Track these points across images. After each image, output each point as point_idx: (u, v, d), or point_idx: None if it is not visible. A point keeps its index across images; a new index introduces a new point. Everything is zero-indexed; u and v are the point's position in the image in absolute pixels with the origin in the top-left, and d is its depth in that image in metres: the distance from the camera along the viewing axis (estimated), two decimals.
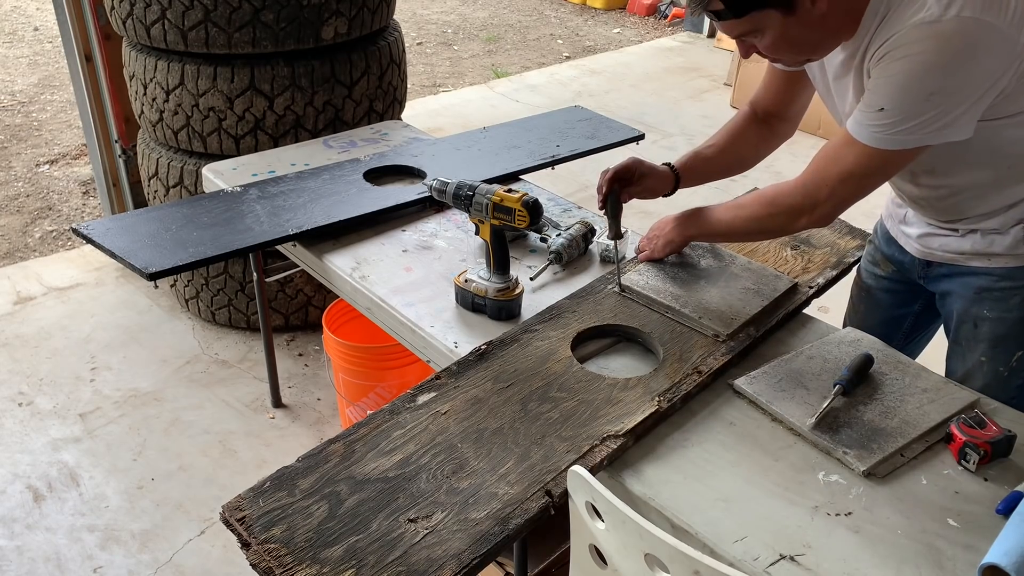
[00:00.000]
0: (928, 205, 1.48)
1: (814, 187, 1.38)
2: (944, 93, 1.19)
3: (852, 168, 1.32)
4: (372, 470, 1.23)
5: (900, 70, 1.20)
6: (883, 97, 1.23)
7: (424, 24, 7.32)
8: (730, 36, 1.31)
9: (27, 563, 2.14)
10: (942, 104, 1.20)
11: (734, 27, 1.27)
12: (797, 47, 1.31)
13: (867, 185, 1.34)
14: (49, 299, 3.23)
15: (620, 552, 1.08)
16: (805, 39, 1.28)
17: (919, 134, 1.23)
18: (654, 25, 7.47)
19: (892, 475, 1.26)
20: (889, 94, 1.22)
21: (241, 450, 2.53)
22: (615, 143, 2.58)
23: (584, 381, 1.43)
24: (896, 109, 1.22)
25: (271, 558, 1.09)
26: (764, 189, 1.51)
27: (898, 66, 1.20)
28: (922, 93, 1.20)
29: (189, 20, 2.50)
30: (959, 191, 1.41)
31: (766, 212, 1.47)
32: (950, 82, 1.18)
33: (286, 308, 2.97)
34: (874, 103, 1.24)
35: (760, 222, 1.50)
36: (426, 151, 2.45)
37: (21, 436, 2.56)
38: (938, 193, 1.44)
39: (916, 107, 1.21)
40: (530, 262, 1.91)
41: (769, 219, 1.48)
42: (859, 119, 1.28)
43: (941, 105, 1.20)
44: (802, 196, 1.40)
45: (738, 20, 1.25)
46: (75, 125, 4.90)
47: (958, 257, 1.48)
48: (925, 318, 1.70)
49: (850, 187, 1.34)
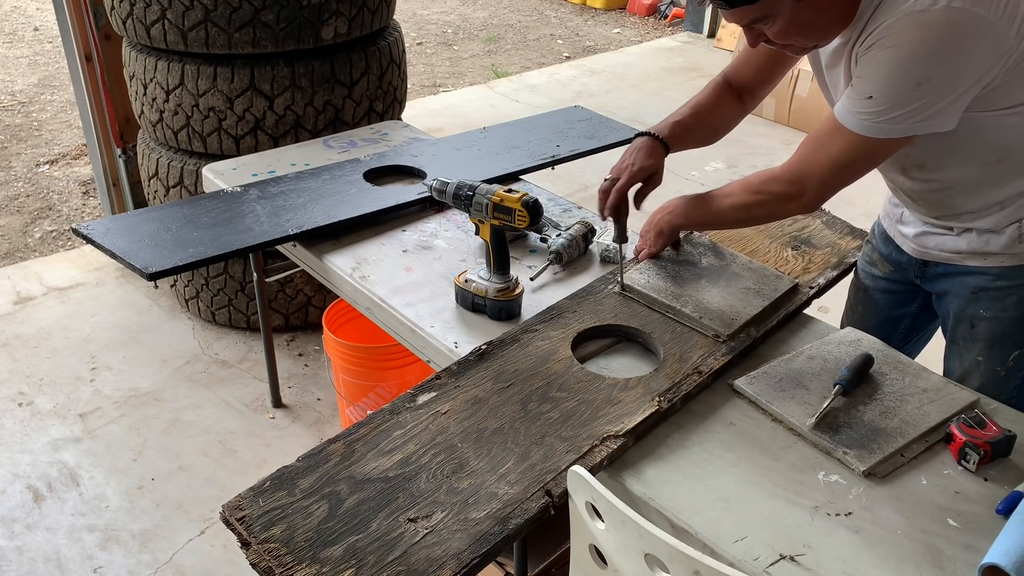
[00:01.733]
0: (920, 199, 1.48)
1: (800, 174, 1.38)
2: (931, 83, 1.19)
3: (839, 156, 1.32)
4: (372, 470, 1.23)
5: (888, 58, 1.21)
6: (871, 85, 1.24)
7: (424, 24, 7.32)
8: (741, 24, 1.30)
9: (27, 563, 2.14)
10: (930, 94, 1.20)
11: (746, 14, 1.27)
12: (807, 31, 1.30)
13: (853, 173, 1.34)
14: (49, 299, 3.23)
15: (620, 552, 1.08)
16: (815, 23, 1.28)
17: (906, 123, 1.23)
18: (654, 25, 7.47)
19: (892, 475, 1.25)
20: (877, 82, 1.23)
21: (241, 450, 2.53)
22: (615, 143, 2.58)
23: (584, 381, 1.43)
24: (884, 97, 1.22)
25: (271, 558, 1.09)
26: (751, 176, 1.50)
27: (886, 55, 1.21)
28: (910, 82, 1.20)
29: (189, 20, 2.50)
30: (950, 186, 1.41)
31: (754, 199, 1.47)
32: (937, 72, 1.18)
33: (286, 308, 2.97)
34: (863, 91, 1.25)
35: (748, 210, 1.50)
36: (426, 151, 2.45)
37: (21, 436, 2.56)
38: (929, 187, 1.44)
39: (904, 96, 1.21)
40: (530, 262, 1.91)
41: (757, 206, 1.48)
42: (847, 106, 1.28)
43: (929, 95, 1.20)
44: (789, 183, 1.40)
45: (751, 6, 1.25)
46: (75, 125, 4.90)
47: (954, 256, 1.48)
48: (923, 318, 1.70)
49: (837, 175, 1.34)
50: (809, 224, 1.97)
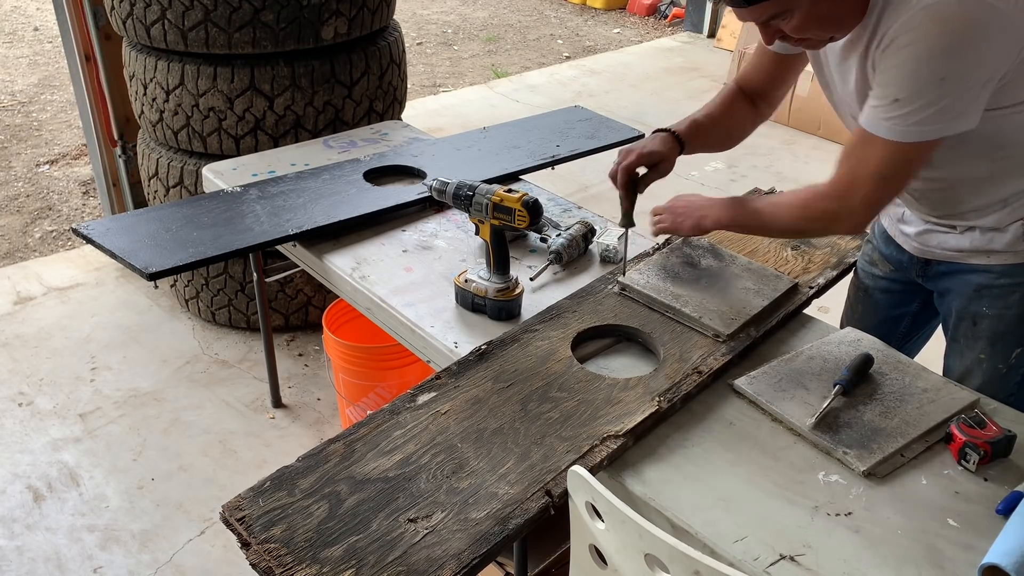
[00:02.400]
0: (923, 197, 1.48)
1: (845, 191, 1.35)
2: (953, 78, 1.18)
3: (878, 168, 1.29)
4: (372, 470, 1.23)
5: (908, 56, 1.20)
6: (895, 87, 1.22)
7: (424, 24, 7.32)
8: (758, 21, 1.29)
9: (27, 563, 2.14)
10: (954, 89, 1.19)
11: (764, 11, 1.26)
12: (824, 24, 1.29)
13: (896, 184, 1.32)
14: (49, 299, 3.23)
15: (620, 552, 1.08)
16: (832, 15, 1.27)
17: (936, 124, 1.22)
18: (654, 25, 7.47)
19: (892, 475, 1.26)
20: (900, 83, 1.22)
21: (241, 450, 2.53)
22: (615, 143, 2.58)
23: (584, 381, 1.43)
24: (910, 96, 1.21)
25: (271, 558, 1.09)
26: (801, 191, 1.47)
27: (906, 53, 1.20)
28: (933, 78, 1.19)
29: (189, 20, 2.50)
30: (954, 184, 1.41)
31: (802, 215, 1.44)
32: (957, 65, 1.18)
33: (286, 308, 2.97)
34: (888, 94, 1.24)
35: (795, 223, 1.47)
36: (426, 151, 2.45)
37: (21, 436, 2.56)
38: (933, 185, 1.44)
39: (930, 92, 1.20)
40: (530, 262, 1.91)
41: (806, 222, 1.45)
42: (875, 114, 1.27)
43: (953, 91, 1.19)
44: (836, 201, 1.37)
45: (768, 3, 1.24)
46: (75, 125, 4.90)
47: (957, 255, 1.48)
48: (923, 317, 1.70)
49: (880, 189, 1.32)
50: None
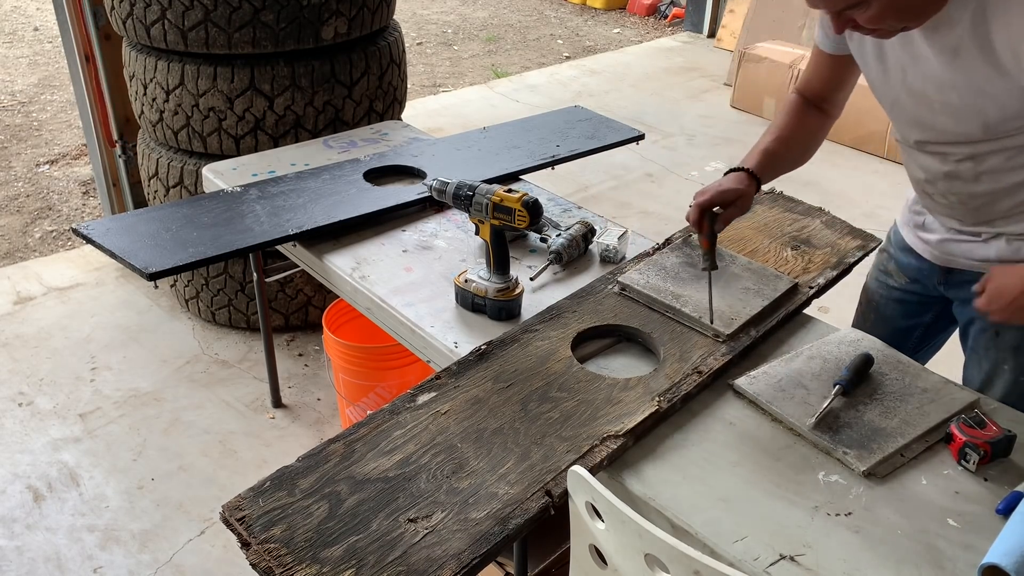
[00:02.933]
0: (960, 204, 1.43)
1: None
2: None
3: None
4: (372, 470, 1.23)
5: None
6: None
7: (424, 24, 7.32)
8: (834, 11, 1.25)
9: (27, 563, 2.14)
10: None
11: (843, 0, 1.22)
12: (902, 13, 1.24)
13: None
14: (49, 299, 3.23)
15: (620, 552, 1.08)
16: (911, 5, 1.23)
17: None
18: (654, 25, 7.47)
19: (892, 475, 1.26)
20: None
21: (241, 450, 2.53)
22: (615, 143, 2.58)
23: (584, 381, 1.43)
24: None
25: (271, 558, 1.09)
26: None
27: None
28: None
29: (189, 20, 2.50)
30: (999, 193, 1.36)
31: None
32: None
33: (286, 308, 2.97)
34: None
35: None
36: (426, 151, 2.45)
37: (21, 436, 2.56)
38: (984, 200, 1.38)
39: None
40: (530, 262, 1.91)
41: None
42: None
43: None
44: None
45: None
46: (75, 125, 4.90)
47: (982, 265, 1.44)
48: (935, 329, 1.67)
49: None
50: (809, 224, 1.97)
